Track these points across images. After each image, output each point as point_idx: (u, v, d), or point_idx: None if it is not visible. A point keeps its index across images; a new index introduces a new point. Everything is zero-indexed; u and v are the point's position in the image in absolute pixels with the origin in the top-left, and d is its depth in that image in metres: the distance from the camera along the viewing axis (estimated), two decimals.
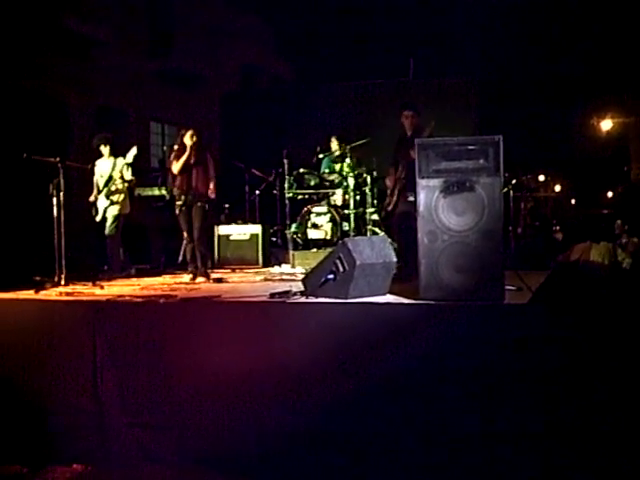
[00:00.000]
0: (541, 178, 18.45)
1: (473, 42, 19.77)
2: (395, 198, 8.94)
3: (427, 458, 5.54)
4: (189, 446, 6.23)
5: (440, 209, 6.08)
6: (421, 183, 6.18)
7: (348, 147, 11.62)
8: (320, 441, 5.82)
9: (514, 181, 12.90)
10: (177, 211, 9.50)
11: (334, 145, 12.24)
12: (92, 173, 10.58)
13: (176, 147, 9.61)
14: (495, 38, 19.77)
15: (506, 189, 11.74)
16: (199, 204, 9.43)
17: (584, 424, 5.17)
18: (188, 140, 9.49)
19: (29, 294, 7.55)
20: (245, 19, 22.96)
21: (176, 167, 9.52)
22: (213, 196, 9.62)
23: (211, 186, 9.56)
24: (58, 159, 8.87)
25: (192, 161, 9.50)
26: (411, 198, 8.39)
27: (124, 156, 10.28)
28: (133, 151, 10.20)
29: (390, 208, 9.25)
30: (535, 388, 5.31)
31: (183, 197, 9.44)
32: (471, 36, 19.82)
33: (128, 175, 10.35)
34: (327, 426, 5.80)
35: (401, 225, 8.65)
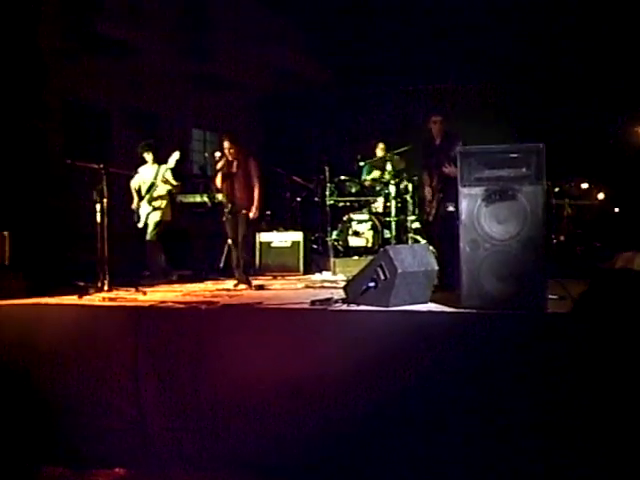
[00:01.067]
0: (584, 186, 18.25)
1: (515, 48, 19.64)
2: (434, 208, 8.91)
3: (469, 469, 5.51)
4: (227, 452, 6.24)
5: (482, 217, 6.05)
6: (463, 191, 6.15)
7: (389, 154, 11.61)
8: (359, 448, 5.81)
9: (557, 189, 12.79)
10: (224, 218, 9.58)
11: (380, 151, 12.20)
12: (130, 180, 10.67)
13: (218, 154, 9.67)
14: (538, 43, 19.62)
15: (549, 197, 11.64)
16: (243, 212, 9.50)
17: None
18: (225, 150, 9.57)
19: (72, 299, 7.63)
20: (287, 24, 22.98)
21: (217, 180, 9.65)
22: (254, 215, 9.64)
23: (254, 205, 9.59)
24: (102, 165, 8.95)
25: (233, 169, 9.56)
26: (451, 208, 8.37)
27: (166, 162, 10.36)
28: (175, 155, 10.28)
29: (430, 218, 9.23)
30: (581, 397, 5.25)
31: (229, 205, 9.52)
32: (512, 42, 19.69)
33: (172, 181, 10.42)
34: (367, 433, 5.78)
35: (441, 234, 8.63)
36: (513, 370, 5.42)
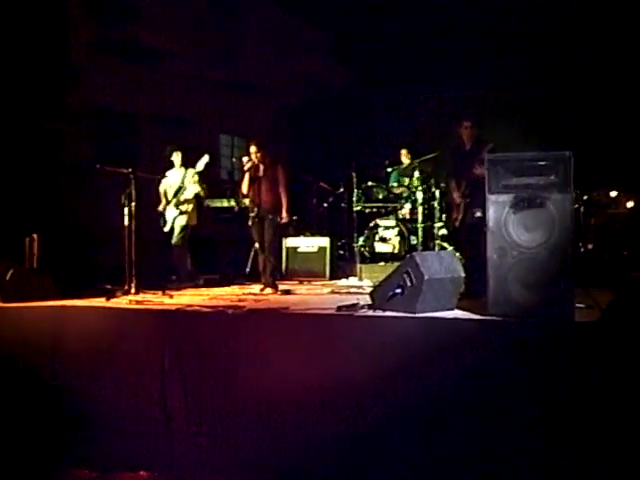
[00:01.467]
0: (613, 194, 18.12)
1: (544, 55, 19.56)
2: (462, 214, 8.87)
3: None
4: (252, 458, 6.24)
5: (510, 225, 6.02)
6: (491, 199, 6.12)
7: (417, 161, 11.60)
8: (385, 454, 5.80)
9: (585, 197, 12.71)
10: (250, 222, 9.61)
11: (404, 157, 12.21)
12: (159, 184, 10.71)
13: (245, 159, 9.71)
14: (566, 50, 19.54)
15: (577, 205, 11.58)
16: (270, 217, 9.53)
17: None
18: (253, 156, 9.61)
19: (100, 302, 7.68)
20: (316, 30, 23.02)
21: (243, 186, 9.70)
22: (284, 220, 9.69)
23: (283, 209, 9.63)
24: (130, 170, 9.01)
25: (260, 174, 9.59)
26: (478, 214, 8.34)
27: (194, 166, 10.40)
28: (205, 159, 10.32)
29: (457, 224, 9.20)
30: (608, 406, 5.22)
31: (255, 209, 9.54)
32: (543, 49, 19.61)
33: (197, 187, 10.45)
34: (392, 439, 5.78)
35: (468, 241, 8.60)
36: (539, 378, 5.39)
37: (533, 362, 5.42)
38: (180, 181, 10.43)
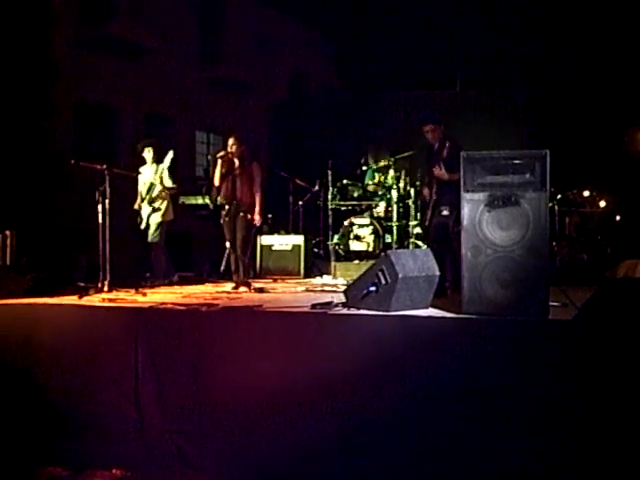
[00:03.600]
0: (586, 194, 18.25)
1: (522, 54, 19.66)
2: (430, 212, 8.85)
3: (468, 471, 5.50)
4: (227, 454, 6.22)
5: (484, 223, 6.01)
6: (465, 197, 6.11)
7: (392, 159, 11.62)
8: (357, 453, 5.79)
9: (559, 196, 12.78)
10: (221, 220, 9.52)
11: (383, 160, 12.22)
12: (136, 181, 10.64)
13: (220, 155, 9.60)
14: (544, 50, 19.65)
15: (551, 204, 11.63)
16: (242, 214, 9.42)
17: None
18: (229, 149, 9.50)
19: (73, 300, 7.62)
20: (295, 28, 23.02)
21: (215, 177, 9.57)
22: (256, 222, 9.58)
23: (256, 209, 9.52)
24: (105, 166, 8.93)
25: (235, 169, 9.49)
26: (445, 212, 8.34)
27: (162, 163, 10.34)
28: (170, 155, 10.24)
29: (427, 223, 9.19)
30: (581, 404, 5.23)
31: (227, 207, 9.44)
32: (520, 48, 19.72)
33: (168, 182, 10.36)
34: (364, 438, 5.77)
35: (435, 239, 8.59)
36: (513, 376, 5.40)
37: (507, 360, 5.42)
38: (152, 177, 10.36)
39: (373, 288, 6.34)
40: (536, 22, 19.76)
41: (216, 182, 9.62)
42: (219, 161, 9.56)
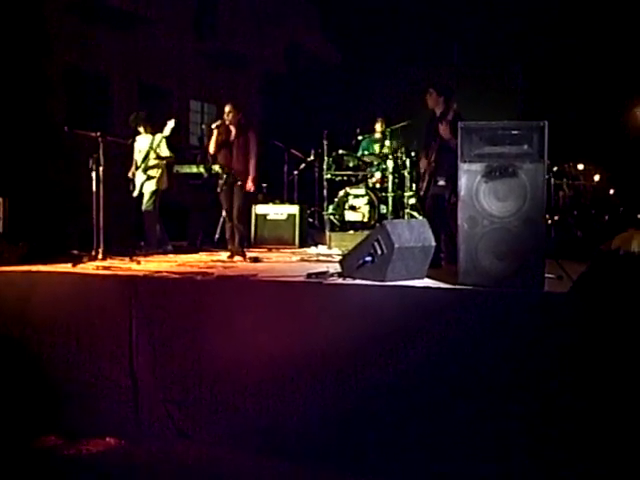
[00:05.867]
0: (580, 167, 18.28)
1: (519, 27, 19.60)
2: (426, 182, 8.79)
3: (451, 450, 5.51)
4: (222, 424, 6.23)
5: (481, 194, 6.00)
6: (463, 167, 6.09)
7: (388, 129, 11.58)
8: (354, 422, 5.80)
9: (555, 168, 12.76)
10: (218, 189, 9.48)
11: (379, 127, 12.17)
12: (132, 149, 10.59)
13: (216, 124, 9.55)
14: (541, 24, 19.59)
15: (547, 176, 11.61)
16: (239, 183, 9.40)
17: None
18: (225, 116, 9.46)
19: (66, 267, 7.58)
20: (291, 0, 22.89)
21: (211, 145, 9.52)
22: (250, 188, 9.53)
23: (250, 176, 9.48)
24: (99, 134, 8.89)
25: (231, 138, 9.45)
26: (441, 182, 8.29)
27: (161, 131, 10.27)
28: (170, 124, 10.18)
29: (422, 193, 9.14)
30: (575, 379, 5.23)
31: (224, 175, 9.40)
32: (517, 21, 19.65)
33: (165, 151, 10.32)
34: (362, 408, 5.77)
35: (431, 210, 8.55)
36: (508, 348, 5.40)
37: (503, 331, 5.42)
38: (148, 146, 10.29)
39: (369, 258, 6.32)
40: None
41: (211, 150, 9.58)
42: (215, 130, 9.52)
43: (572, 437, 5.17)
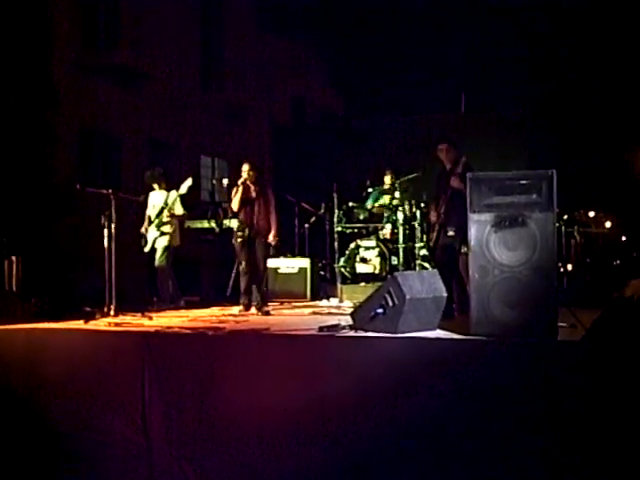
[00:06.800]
0: (591, 214, 18.28)
1: (526, 76, 19.72)
2: (436, 233, 8.81)
3: None
4: None
5: (491, 244, 6.01)
6: (472, 217, 6.11)
7: (397, 181, 11.63)
8: (366, 476, 5.74)
9: (566, 216, 12.76)
10: (239, 243, 9.50)
11: (388, 179, 12.22)
12: (145, 205, 10.65)
13: (241, 180, 9.63)
14: (549, 72, 19.71)
15: (558, 224, 11.62)
16: (263, 239, 9.48)
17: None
18: (245, 174, 9.56)
19: (79, 324, 7.60)
20: (296, 52, 23.14)
21: (234, 203, 9.60)
22: (273, 242, 9.62)
23: (273, 231, 9.59)
24: (110, 191, 8.97)
25: (252, 195, 9.55)
26: (451, 233, 8.31)
27: (177, 188, 10.33)
28: (188, 182, 10.24)
29: (432, 244, 9.15)
30: (591, 426, 5.18)
31: (246, 230, 9.47)
32: (524, 70, 19.78)
33: (179, 209, 10.38)
34: (374, 460, 5.72)
35: (442, 260, 8.55)
36: (522, 398, 5.36)
37: (516, 381, 5.38)
38: (163, 202, 10.36)
39: (380, 310, 6.31)
40: (539, 38, 19.85)
41: (235, 207, 9.67)
42: (240, 187, 9.60)
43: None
